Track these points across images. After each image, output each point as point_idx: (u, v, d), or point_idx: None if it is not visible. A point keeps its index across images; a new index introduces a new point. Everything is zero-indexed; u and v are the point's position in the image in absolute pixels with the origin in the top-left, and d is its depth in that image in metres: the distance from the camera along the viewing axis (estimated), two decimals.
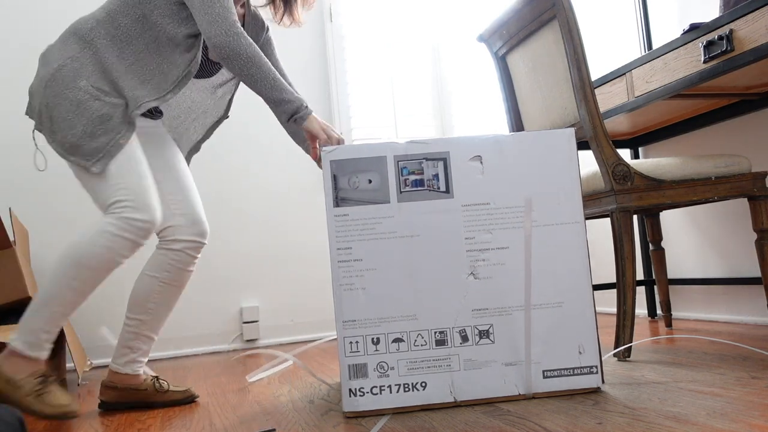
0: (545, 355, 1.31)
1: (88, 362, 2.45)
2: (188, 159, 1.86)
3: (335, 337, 1.92)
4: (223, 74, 1.77)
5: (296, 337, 2.97)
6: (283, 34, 3.13)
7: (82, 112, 1.49)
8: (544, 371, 1.31)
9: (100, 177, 1.49)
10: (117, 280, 2.74)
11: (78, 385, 2.16)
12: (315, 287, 3.02)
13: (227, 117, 1.84)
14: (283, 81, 1.53)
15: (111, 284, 2.73)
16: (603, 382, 1.33)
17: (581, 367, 1.32)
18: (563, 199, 1.35)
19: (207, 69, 1.70)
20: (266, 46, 1.79)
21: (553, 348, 1.32)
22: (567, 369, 1.32)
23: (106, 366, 2.67)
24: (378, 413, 1.28)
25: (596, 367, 1.32)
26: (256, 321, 2.90)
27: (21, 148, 2.71)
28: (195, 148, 1.87)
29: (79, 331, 2.69)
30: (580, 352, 1.32)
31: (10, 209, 2.18)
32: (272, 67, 1.51)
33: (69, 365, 2.58)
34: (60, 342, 2.21)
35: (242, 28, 1.50)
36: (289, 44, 3.13)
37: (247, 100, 3.04)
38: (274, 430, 1.22)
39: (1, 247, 2.06)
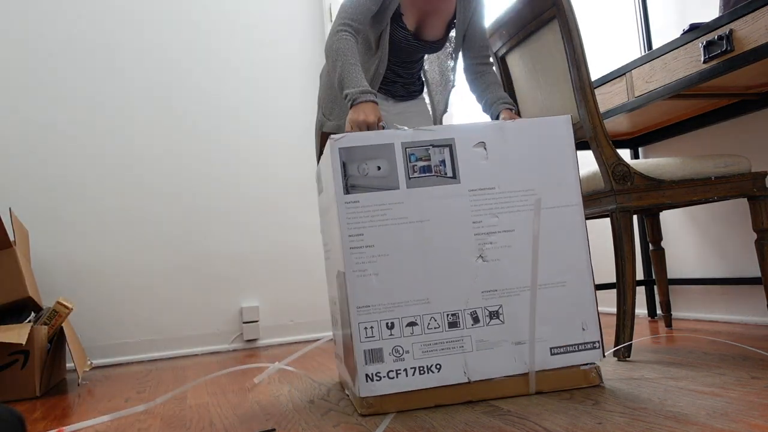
0: (552, 333, 1.36)
1: (88, 362, 2.45)
2: None
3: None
4: (449, 45, 1.89)
5: (296, 337, 2.97)
6: (283, 34, 3.13)
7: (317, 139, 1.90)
8: (551, 348, 1.36)
9: None
10: (117, 281, 2.75)
11: (78, 385, 2.16)
12: (315, 287, 3.02)
13: (455, 86, 1.99)
14: (348, 77, 1.59)
15: (111, 285, 2.74)
16: (604, 356, 1.38)
17: (585, 343, 1.37)
18: (562, 182, 1.40)
19: (432, 46, 1.84)
20: (476, 12, 1.84)
21: (559, 326, 1.36)
22: (572, 345, 1.37)
23: (106, 366, 2.67)
24: (389, 402, 1.28)
25: (598, 342, 1.38)
26: (256, 321, 2.90)
27: (21, 148, 2.71)
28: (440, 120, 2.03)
29: (79, 331, 2.69)
30: (583, 329, 1.37)
31: (10, 209, 2.18)
32: (345, 66, 1.60)
33: (69, 365, 2.58)
34: (60, 342, 2.21)
35: (348, 28, 1.64)
36: (289, 44, 3.13)
37: (248, 99, 3.04)
38: (274, 430, 1.22)
39: (1, 247, 2.06)
